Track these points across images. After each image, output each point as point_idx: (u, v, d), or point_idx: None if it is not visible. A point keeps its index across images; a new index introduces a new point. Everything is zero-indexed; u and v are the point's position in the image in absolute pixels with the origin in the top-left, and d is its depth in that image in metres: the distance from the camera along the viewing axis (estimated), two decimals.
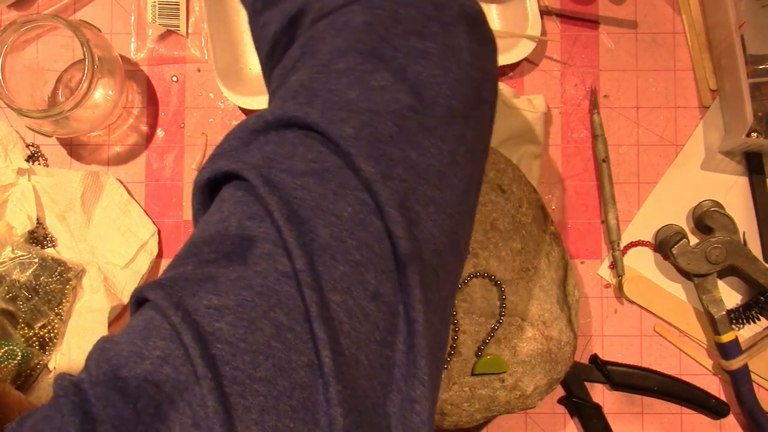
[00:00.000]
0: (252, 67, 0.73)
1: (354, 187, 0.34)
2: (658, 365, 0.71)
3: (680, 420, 0.71)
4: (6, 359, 0.67)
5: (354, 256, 0.33)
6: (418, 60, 0.38)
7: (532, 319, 0.64)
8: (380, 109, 0.36)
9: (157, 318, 0.32)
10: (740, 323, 0.71)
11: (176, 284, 0.33)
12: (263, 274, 0.32)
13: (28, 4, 0.74)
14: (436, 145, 0.37)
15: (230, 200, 0.35)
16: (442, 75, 0.38)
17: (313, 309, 0.31)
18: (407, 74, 0.37)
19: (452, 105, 0.38)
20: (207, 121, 0.73)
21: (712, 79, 0.73)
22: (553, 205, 0.73)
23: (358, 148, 0.34)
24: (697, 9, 0.73)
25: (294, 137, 0.36)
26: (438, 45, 0.38)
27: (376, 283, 0.33)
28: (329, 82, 0.37)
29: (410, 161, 0.35)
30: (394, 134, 0.36)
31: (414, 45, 0.38)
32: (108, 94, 0.68)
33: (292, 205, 0.33)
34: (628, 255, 0.72)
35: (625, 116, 0.73)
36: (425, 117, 0.37)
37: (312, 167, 0.34)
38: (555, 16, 0.74)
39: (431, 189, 0.36)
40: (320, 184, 0.34)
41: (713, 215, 0.69)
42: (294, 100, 0.37)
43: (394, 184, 0.34)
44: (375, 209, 0.34)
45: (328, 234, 0.33)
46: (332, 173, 0.34)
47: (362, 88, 0.37)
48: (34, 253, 0.68)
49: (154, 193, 0.73)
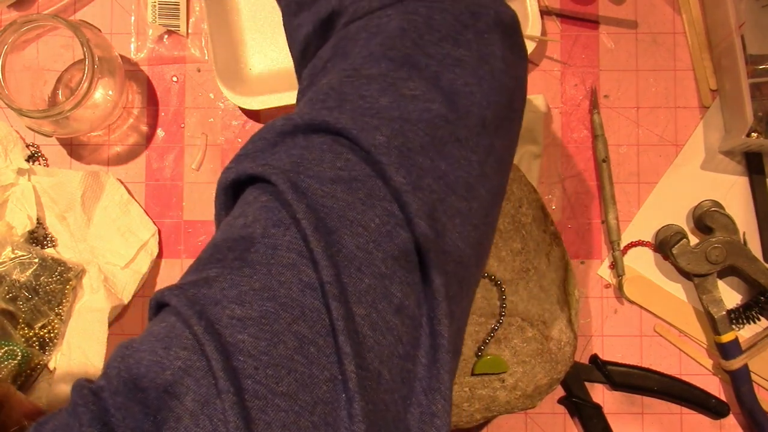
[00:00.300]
0: (252, 67, 0.73)
1: (382, 197, 0.34)
2: (658, 365, 0.71)
3: (680, 420, 0.71)
4: (6, 359, 0.67)
5: (380, 268, 0.32)
6: (452, 68, 0.37)
7: (532, 319, 0.64)
8: (412, 118, 0.35)
9: (179, 326, 0.31)
10: (740, 323, 0.71)
11: (198, 291, 0.32)
12: (287, 285, 0.31)
13: (28, 4, 0.74)
14: (466, 157, 0.36)
15: (255, 204, 0.35)
16: (476, 84, 0.37)
17: (339, 323, 0.30)
18: (441, 82, 0.36)
19: (485, 115, 0.37)
20: (207, 121, 0.73)
21: (712, 79, 0.73)
22: (553, 205, 0.73)
23: (389, 157, 0.34)
24: (697, 9, 0.73)
25: (322, 142, 0.35)
26: (472, 53, 0.38)
27: (401, 296, 0.33)
28: (360, 87, 0.37)
29: (440, 172, 0.35)
30: (425, 144, 0.35)
31: (448, 52, 0.37)
32: (108, 94, 0.68)
33: (320, 213, 0.33)
34: (628, 255, 0.72)
35: (625, 116, 0.73)
36: (457, 127, 0.36)
37: (340, 175, 0.34)
38: (555, 16, 0.74)
39: (459, 200, 0.35)
40: (348, 192, 0.33)
41: (713, 215, 0.69)
42: (323, 103, 0.37)
43: (424, 195, 0.34)
44: (402, 221, 0.33)
45: (354, 245, 0.32)
46: (361, 182, 0.34)
47: (394, 95, 0.36)
48: (34, 253, 0.68)
49: (154, 193, 0.73)
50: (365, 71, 0.37)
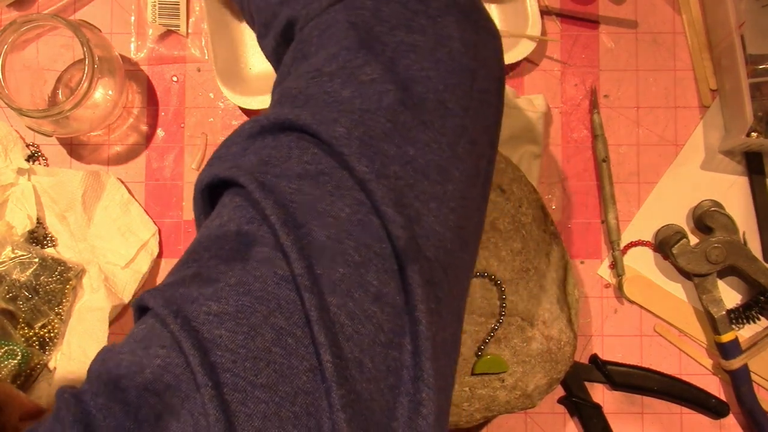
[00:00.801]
0: (252, 67, 0.73)
1: (350, 187, 0.34)
2: (658, 365, 0.71)
3: (680, 420, 0.71)
4: (6, 359, 0.67)
5: (353, 257, 0.32)
6: (407, 54, 0.37)
7: (532, 319, 0.64)
8: (371, 107, 0.36)
9: (157, 326, 0.31)
10: (740, 323, 0.71)
11: (175, 291, 0.32)
12: (262, 279, 0.32)
13: (28, 4, 0.74)
14: (435, 139, 0.36)
15: (230, 206, 0.35)
16: (432, 68, 0.37)
17: (312, 313, 0.31)
18: (396, 68, 0.37)
19: (445, 98, 0.37)
20: (207, 121, 0.73)
21: (712, 79, 0.73)
22: (553, 205, 0.73)
23: (350, 148, 0.34)
24: (697, 9, 0.73)
25: (289, 140, 0.36)
26: (427, 37, 0.38)
27: (378, 284, 0.33)
28: (324, 84, 0.37)
29: (407, 157, 0.35)
30: (387, 131, 0.35)
31: (402, 39, 0.37)
32: (108, 93, 0.68)
33: (288, 208, 0.33)
34: (628, 255, 0.72)
35: (625, 116, 0.73)
36: (419, 111, 0.36)
37: (307, 169, 0.34)
38: (555, 16, 0.74)
39: (432, 185, 0.35)
40: (316, 186, 0.34)
41: (713, 215, 0.69)
42: (290, 105, 0.38)
43: (390, 182, 0.34)
44: (372, 209, 0.34)
45: (325, 236, 0.32)
46: (328, 175, 0.34)
47: (354, 84, 0.36)
48: (34, 253, 0.68)
49: (154, 193, 0.73)
50: (326, 69, 0.38)
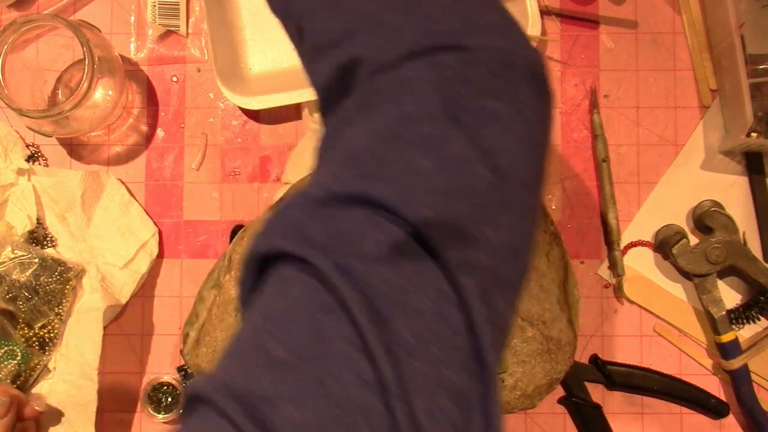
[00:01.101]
0: (252, 67, 0.73)
1: (433, 275, 0.32)
2: (658, 365, 0.71)
3: (680, 420, 0.71)
4: (6, 359, 0.67)
5: (435, 354, 0.31)
6: (490, 124, 0.35)
7: (532, 319, 0.64)
8: (457, 186, 0.33)
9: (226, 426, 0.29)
10: (740, 323, 0.71)
11: (245, 387, 0.30)
12: (343, 382, 0.29)
13: (28, 4, 0.74)
14: (513, 221, 0.34)
15: (297, 285, 0.32)
16: (511, 140, 0.35)
17: (401, 418, 0.29)
18: (480, 140, 0.34)
19: (525, 174, 0.35)
20: (207, 121, 0.73)
21: (712, 79, 0.73)
22: (553, 205, 0.73)
23: (436, 232, 0.32)
24: (697, 9, 0.73)
25: (364, 215, 0.33)
26: (506, 105, 0.35)
27: (455, 379, 0.31)
28: (400, 150, 0.34)
29: (488, 242, 0.33)
30: (473, 214, 0.33)
31: (485, 106, 0.35)
32: (108, 94, 0.68)
33: (369, 298, 0.30)
34: (628, 255, 0.72)
35: (625, 116, 0.73)
36: (501, 190, 0.34)
37: (385, 252, 0.32)
38: (555, 16, 0.74)
39: (506, 269, 0.34)
40: (396, 272, 0.31)
41: (713, 215, 0.69)
42: (360, 169, 0.34)
43: (475, 271, 0.32)
44: (453, 299, 0.32)
45: (409, 333, 0.30)
46: (408, 259, 0.32)
47: (437, 157, 0.33)
48: (34, 253, 0.68)
49: (154, 193, 0.73)
50: (403, 132, 0.34)
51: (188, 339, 0.66)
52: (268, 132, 0.73)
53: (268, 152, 0.73)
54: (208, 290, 0.66)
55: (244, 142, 0.73)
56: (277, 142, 0.73)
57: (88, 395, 0.66)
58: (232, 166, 0.73)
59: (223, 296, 0.64)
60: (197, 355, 0.64)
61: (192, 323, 0.66)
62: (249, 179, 0.73)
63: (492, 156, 0.34)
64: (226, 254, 0.65)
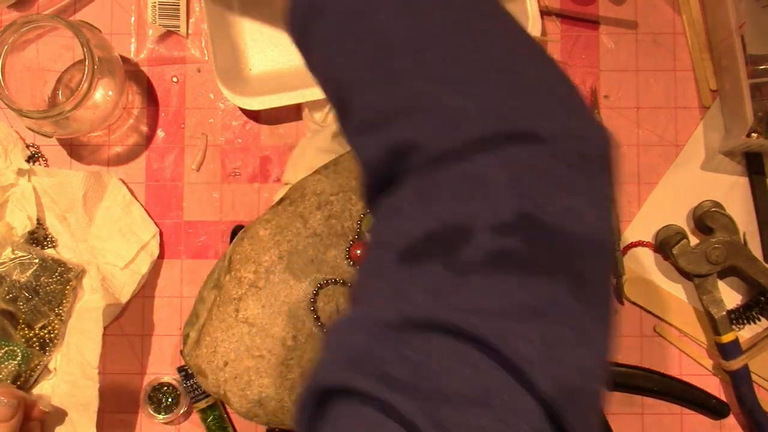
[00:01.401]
0: (252, 67, 0.73)
1: (529, 410, 0.29)
2: (658, 366, 0.71)
3: (680, 420, 0.71)
4: (6, 359, 0.67)
5: None
6: (574, 225, 0.32)
7: None
8: (546, 309, 0.30)
9: None
10: (740, 323, 0.71)
11: None
12: None
13: (28, 5, 0.74)
14: (599, 330, 0.32)
15: (375, 427, 0.29)
16: (588, 240, 0.32)
17: None
18: (566, 254, 0.32)
19: (600, 274, 0.33)
20: (207, 122, 0.73)
21: (712, 79, 0.73)
22: None
23: (539, 367, 0.29)
24: (697, 9, 0.73)
25: (445, 347, 0.29)
26: (588, 201, 0.33)
27: None
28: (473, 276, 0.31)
29: (579, 360, 0.31)
30: (567, 337, 0.30)
31: (564, 204, 0.32)
32: (108, 94, 0.68)
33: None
34: (628, 255, 0.72)
35: (625, 116, 0.73)
36: (588, 305, 0.32)
37: (476, 393, 0.28)
38: (555, 16, 0.74)
39: (592, 386, 0.32)
40: (489, 416, 0.28)
41: (713, 215, 0.69)
42: (437, 294, 0.31)
43: (572, 400, 0.30)
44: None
45: None
46: (501, 398, 0.29)
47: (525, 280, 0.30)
48: (34, 254, 0.68)
49: (154, 194, 0.73)
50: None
51: (188, 339, 0.66)
52: (268, 132, 0.73)
53: (268, 153, 0.73)
54: (209, 291, 0.65)
55: (245, 143, 0.73)
56: (278, 142, 0.73)
57: (89, 395, 0.66)
58: (233, 167, 0.73)
59: (224, 297, 0.64)
60: (197, 356, 0.64)
61: (192, 324, 0.66)
62: (249, 180, 0.73)
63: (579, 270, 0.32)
64: (227, 255, 0.65)
